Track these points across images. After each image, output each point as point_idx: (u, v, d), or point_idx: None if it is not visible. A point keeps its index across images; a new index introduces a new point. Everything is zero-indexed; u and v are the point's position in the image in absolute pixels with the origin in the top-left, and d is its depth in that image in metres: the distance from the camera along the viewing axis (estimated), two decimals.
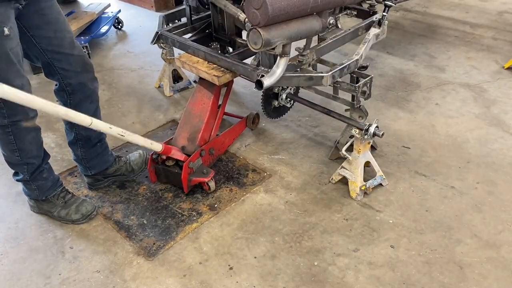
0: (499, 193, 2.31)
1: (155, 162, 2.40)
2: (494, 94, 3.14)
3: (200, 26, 2.72)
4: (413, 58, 3.65)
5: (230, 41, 2.59)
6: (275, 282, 1.91)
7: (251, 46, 1.87)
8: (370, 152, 2.33)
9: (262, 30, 1.79)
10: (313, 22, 1.96)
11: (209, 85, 2.44)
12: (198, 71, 2.40)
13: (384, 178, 2.38)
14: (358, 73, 2.30)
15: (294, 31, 1.89)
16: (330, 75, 2.08)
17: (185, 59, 2.47)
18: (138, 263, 2.02)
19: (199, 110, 2.45)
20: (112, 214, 2.29)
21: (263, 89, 1.97)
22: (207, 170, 2.35)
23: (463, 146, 2.66)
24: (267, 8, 1.72)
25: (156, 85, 3.44)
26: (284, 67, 2.00)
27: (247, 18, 1.85)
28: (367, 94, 2.30)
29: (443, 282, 1.88)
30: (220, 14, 2.53)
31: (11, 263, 2.06)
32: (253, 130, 2.87)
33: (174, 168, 2.34)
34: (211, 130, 2.48)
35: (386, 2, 2.44)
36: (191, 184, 2.35)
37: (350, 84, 2.30)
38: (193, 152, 2.34)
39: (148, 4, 4.99)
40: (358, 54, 2.24)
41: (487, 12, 4.51)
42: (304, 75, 2.12)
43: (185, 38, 2.61)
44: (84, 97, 2.15)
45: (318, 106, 2.54)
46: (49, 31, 1.95)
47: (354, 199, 2.30)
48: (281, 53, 1.95)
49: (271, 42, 1.83)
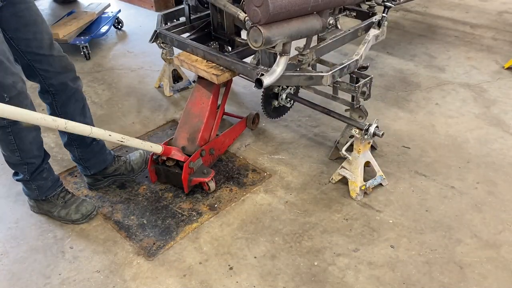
0: (499, 193, 2.32)
1: (155, 162, 2.40)
2: (494, 94, 3.14)
3: (199, 25, 2.72)
4: (413, 58, 3.65)
5: (229, 40, 2.59)
6: (275, 282, 1.91)
7: (252, 44, 1.86)
8: (370, 152, 2.33)
9: (263, 28, 1.79)
10: (314, 21, 1.96)
11: (207, 85, 2.44)
12: (197, 69, 2.39)
13: (384, 178, 2.38)
14: (358, 73, 2.30)
15: (294, 29, 1.88)
16: (330, 75, 2.08)
17: (184, 57, 2.47)
18: (138, 263, 2.02)
19: (199, 110, 2.45)
20: (112, 214, 2.29)
21: (263, 88, 1.96)
22: (208, 170, 2.35)
23: (463, 146, 2.66)
24: (268, 5, 1.72)
25: (156, 85, 3.44)
26: (284, 66, 1.99)
27: (247, 16, 1.84)
28: (366, 94, 2.30)
29: (443, 282, 1.88)
30: (219, 13, 2.53)
31: (11, 263, 2.06)
32: (253, 130, 2.87)
33: (175, 168, 2.34)
34: (211, 130, 2.48)
35: (386, 3, 2.44)
36: (191, 184, 2.34)
37: (349, 84, 2.30)
38: (193, 152, 2.34)
39: (148, 4, 4.99)
40: (358, 54, 2.24)
41: (487, 12, 4.51)
42: (304, 74, 2.11)
43: (183, 37, 2.61)
44: (68, 97, 2.15)
45: (318, 106, 2.54)
46: (27, 33, 1.94)
47: (354, 199, 2.30)
48: (281, 51, 1.94)
49: (271, 40, 1.82)
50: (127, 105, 3.24)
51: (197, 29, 2.70)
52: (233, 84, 2.39)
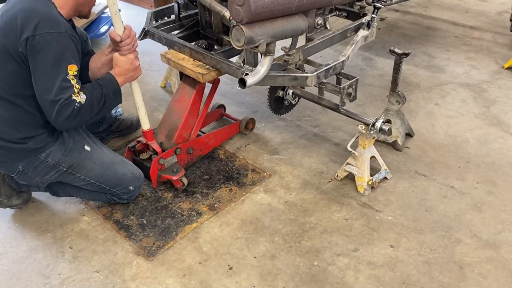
0: (498, 193, 2.32)
1: (132, 152, 2.45)
2: (494, 94, 3.14)
3: (188, 23, 2.69)
4: (413, 58, 3.64)
5: (217, 39, 2.57)
6: (274, 282, 1.91)
7: (234, 44, 1.85)
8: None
9: (245, 27, 1.78)
10: (299, 21, 1.94)
11: (192, 83, 2.43)
12: (183, 68, 2.37)
13: (388, 172, 2.39)
14: (344, 74, 2.31)
15: (278, 29, 1.87)
16: (315, 76, 2.07)
17: (171, 55, 2.45)
18: (137, 263, 2.02)
19: (180, 108, 2.46)
20: (111, 214, 2.29)
21: (246, 88, 1.96)
22: (178, 169, 2.37)
23: (462, 146, 2.66)
24: (249, 5, 1.71)
25: (162, 85, 3.42)
26: (268, 66, 1.98)
27: (230, 15, 1.84)
28: (352, 96, 2.31)
29: (442, 282, 1.88)
30: (207, 12, 2.50)
31: (10, 263, 2.06)
32: (246, 135, 2.83)
33: (147, 162, 2.38)
34: (191, 129, 2.48)
35: (375, 4, 2.43)
36: (160, 180, 2.40)
37: (335, 85, 2.29)
38: (169, 149, 2.38)
39: (148, 4, 4.99)
40: (345, 55, 2.24)
41: (486, 12, 4.51)
42: (288, 74, 2.10)
43: (171, 35, 2.58)
44: None
45: (323, 102, 2.52)
46: None
47: (362, 194, 2.31)
48: (266, 51, 1.92)
49: (254, 39, 1.81)
50: (126, 105, 3.22)
51: (186, 27, 2.68)
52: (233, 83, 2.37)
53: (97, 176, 2.15)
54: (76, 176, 2.13)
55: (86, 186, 2.19)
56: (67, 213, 2.31)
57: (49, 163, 2.04)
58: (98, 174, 2.15)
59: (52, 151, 2.03)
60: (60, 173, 2.10)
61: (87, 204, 2.35)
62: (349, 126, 2.83)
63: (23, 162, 2.03)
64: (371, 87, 3.29)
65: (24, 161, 2.02)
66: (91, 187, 2.19)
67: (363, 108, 3.02)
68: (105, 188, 2.19)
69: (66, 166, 2.08)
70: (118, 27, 2.04)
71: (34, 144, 1.99)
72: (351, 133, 2.74)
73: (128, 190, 2.23)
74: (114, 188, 2.19)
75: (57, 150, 2.04)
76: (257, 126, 2.90)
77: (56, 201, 2.37)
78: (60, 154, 2.05)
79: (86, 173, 2.13)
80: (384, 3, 2.45)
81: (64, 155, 2.06)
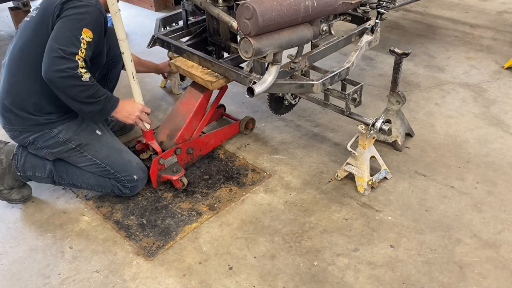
0: (498, 193, 2.32)
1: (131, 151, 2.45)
2: (494, 94, 3.14)
3: (196, 30, 2.73)
4: (412, 58, 3.65)
5: (225, 46, 2.60)
6: (274, 282, 1.91)
7: (242, 55, 1.90)
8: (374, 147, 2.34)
9: (253, 39, 1.83)
10: (304, 30, 1.99)
11: (200, 88, 2.47)
12: (192, 75, 2.42)
13: (388, 172, 2.39)
14: (349, 80, 2.33)
15: (285, 40, 1.92)
16: (320, 83, 2.11)
17: (180, 63, 2.50)
18: (137, 263, 2.02)
19: (185, 110, 2.48)
20: (111, 214, 2.29)
21: (254, 96, 2.00)
22: (178, 169, 2.37)
23: (462, 146, 2.66)
24: (257, 18, 1.76)
25: (162, 85, 3.43)
26: (276, 74, 2.03)
27: (238, 28, 1.87)
28: (357, 101, 2.34)
29: (442, 282, 1.88)
30: (215, 20, 2.53)
31: (10, 263, 2.06)
32: (246, 135, 2.84)
33: (147, 161, 2.38)
34: (193, 131, 2.50)
35: (379, 9, 2.44)
36: (160, 180, 2.40)
37: (340, 92, 2.33)
38: (169, 148, 2.38)
39: (148, 4, 4.99)
40: (350, 62, 2.26)
41: (486, 12, 4.51)
42: (295, 82, 2.15)
43: (180, 42, 2.62)
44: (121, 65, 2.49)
45: (331, 106, 2.52)
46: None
47: (362, 194, 2.31)
48: (272, 61, 1.97)
49: (261, 51, 1.86)
50: None
51: (194, 34, 2.71)
52: (234, 82, 2.39)
53: (103, 158, 2.22)
54: (83, 155, 2.21)
55: (91, 168, 2.24)
56: (67, 213, 2.31)
57: (60, 139, 2.16)
58: (105, 156, 2.22)
59: (64, 128, 2.16)
60: (68, 149, 2.19)
61: (87, 204, 2.35)
62: (349, 126, 2.83)
63: (36, 134, 2.15)
64: (371, 87, 3.29)
65: (37, 133, 2.15)
66: (96, 168, 2.23)
67: (363, 108, 3.02)
68: (110, 171, 2.23)
69: (75, 144, 2.19)
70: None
71: (50, 119, 2.13)
72: (351, 133, 2.74)
73: (132, 178, 2.25)
74: (118, 173, 2.23)
75: (70, 128, 2.17)
76: (257, 126, 2.90)
77: (56, 201, 2.38)
78: (71, 132, 2.17)
79: (94, 153, 2.21)
80: (387, 8, 2.45)
81: (75, 134, 2.18)
